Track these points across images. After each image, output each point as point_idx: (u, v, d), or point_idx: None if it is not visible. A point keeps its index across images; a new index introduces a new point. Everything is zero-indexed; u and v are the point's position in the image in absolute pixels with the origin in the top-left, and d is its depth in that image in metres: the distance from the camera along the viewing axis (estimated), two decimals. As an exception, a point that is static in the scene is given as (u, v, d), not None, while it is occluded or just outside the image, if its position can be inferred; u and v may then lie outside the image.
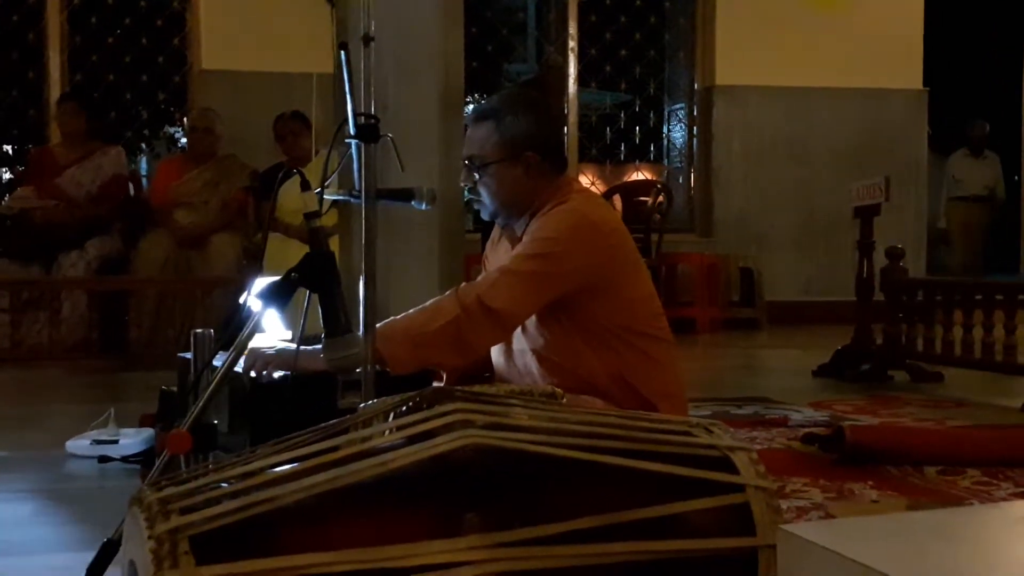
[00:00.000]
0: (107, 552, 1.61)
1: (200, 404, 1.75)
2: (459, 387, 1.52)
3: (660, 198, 7.36)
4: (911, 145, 8.21)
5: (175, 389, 2.55)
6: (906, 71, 8.17)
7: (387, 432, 1.38)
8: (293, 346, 2.14)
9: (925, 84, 8.26)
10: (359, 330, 1.95)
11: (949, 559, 1.04)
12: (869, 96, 8.05)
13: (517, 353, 2.51)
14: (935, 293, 4.67)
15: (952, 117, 10.37)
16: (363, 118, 1.98)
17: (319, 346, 1.95)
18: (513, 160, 2.45)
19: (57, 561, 2.06)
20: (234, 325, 1.88)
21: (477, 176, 2.48)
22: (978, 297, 4.36)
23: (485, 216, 2.57)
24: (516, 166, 2.45)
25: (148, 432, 3.00)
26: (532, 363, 2.47)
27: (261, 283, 1.89)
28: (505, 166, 2.45)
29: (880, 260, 4.80)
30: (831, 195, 7.44)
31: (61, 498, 2.60)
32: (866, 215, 4.76)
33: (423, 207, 2.40)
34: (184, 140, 7.58)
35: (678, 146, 8.54)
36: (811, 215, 7.94)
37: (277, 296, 1.86)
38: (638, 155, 8.84)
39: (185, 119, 7.07)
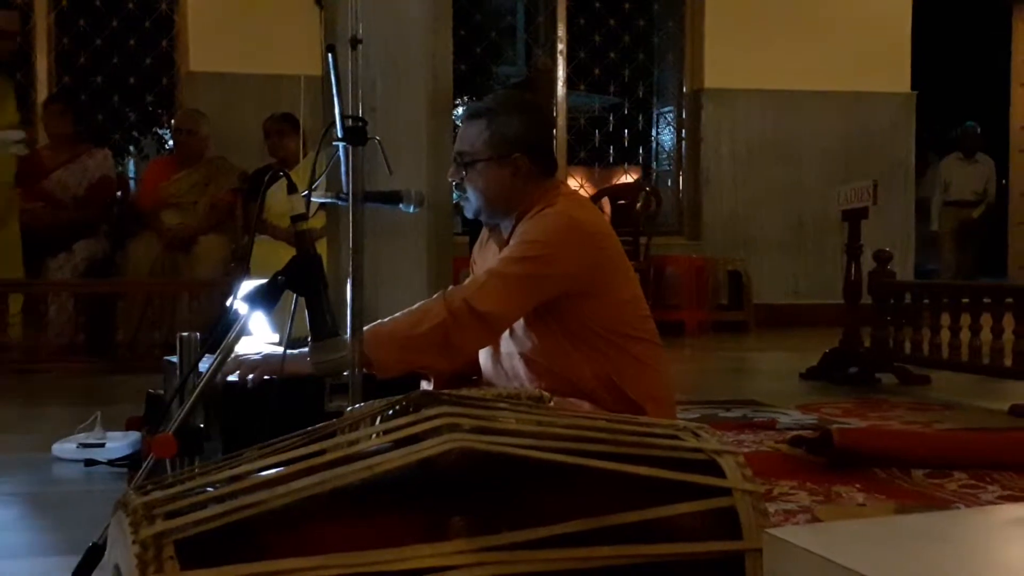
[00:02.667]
0: (92, 556, 1.60)
1: (186, 408, 1.75)
2: (446, 391, 1.51)
3: (649, 201, 7.37)
4: (899, 148, 8.24)
5: (161, 392, 2.54)
6: (894, 74, 8.20)
7: (374, 436, 1.38)
8: (280, 350, 2.14)
9: (913, 87, 8.29)
10: (346, 333, 1.95)
11: (936, 563, 1.04)
12: (857, 99, 8.08)
13: (504, 356, 2.50)
14: (923, 296, 4.68)
15: (940, 120, 10.41)
16: (351, 120, 1.98)
17: (306, 350, 1.95)
18: (502, 160, 2.45)
19: (42, 565, 2.05)
20: (220, 328, 1.87)
21: (465, 172, 2.48)
22: (965, 300, 4.38)
23: (469, 214, 2.57)
24: (505, 166, 2.45)
25: (134, 436, 2.99)
26: (520, 366, 2.47)
27: (248, 286, 1.88)
28: (494, 165, 2.45)
29: (868, 263, 4.82)
30: (819, 198, 7.47)
31: (47, 502, 2.59)
32: (854, 219, 4.77)
33: (411, 210, 2.40)
34: (172, 142, 7.57)
35: (667, 149, 8.55)
36: (799, 218, 7.97)
37: (264, 299, 1.86)
38: (627, 158, 8.86)
39: (172, 121, 7.05)
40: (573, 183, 8.43)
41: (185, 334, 2.07)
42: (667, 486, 1.38)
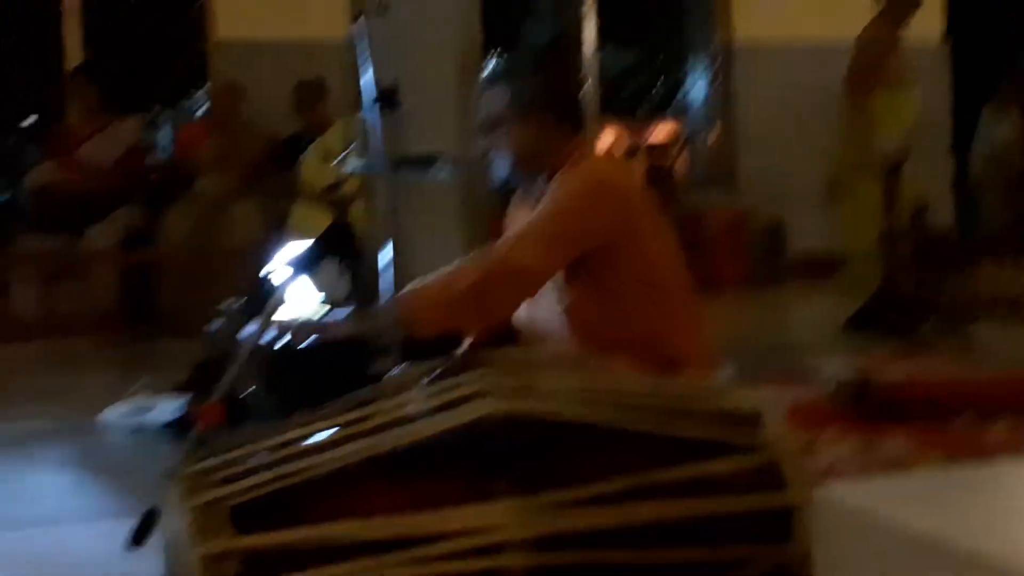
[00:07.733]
0: (149, 520, 1.63)
1: (231, 375, 1.77)
2: (487, 353, 1.53)
3: (683, 153, 7.32)
4: (935, 97, 8.10)
5: (207, 360, 2.57)
6: (928, 24, 8.05)
7: (417, 401, 1.39)
8: (321, 314, 2.15)
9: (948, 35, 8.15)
10: (384, 297, 1.96)
11: (983, 515, 1.04)
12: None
13: (541, 315, 2.51)
14: (963, 245, 4.63)
15: (977, 68, 10.19)
16: (381, 85, 1.98)
17: (347, 312, 1.96)
18: (527, 120, 2.44)
19: (98, 529, 2.09)
20: (261, 295, 1.89)
21: (492, 137, 2.48)
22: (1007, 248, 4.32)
23: (502, 175, 2.57)
24: (530, 126, 2.45)
25: (181, 401, 3.03)
26: (557, 325, 2.47)
27: (287, 251, 1.90)
28: (519, 127, 2.45)
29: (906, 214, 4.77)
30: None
31: (98, 468, 2.64)
32: (892, 168, 4.72)
33: (444, 173, 2.40)
34: (202, 110, 7.60)
35: (701, 102, 8.46)
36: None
37: (304, 264, 1.88)
38: (660, 112, 8.78)
39: (216, 87, 7.05)
40: (606, 138, 8.37)
41: (228, 300, 2.09)
42: (708, 443, 1.39)
